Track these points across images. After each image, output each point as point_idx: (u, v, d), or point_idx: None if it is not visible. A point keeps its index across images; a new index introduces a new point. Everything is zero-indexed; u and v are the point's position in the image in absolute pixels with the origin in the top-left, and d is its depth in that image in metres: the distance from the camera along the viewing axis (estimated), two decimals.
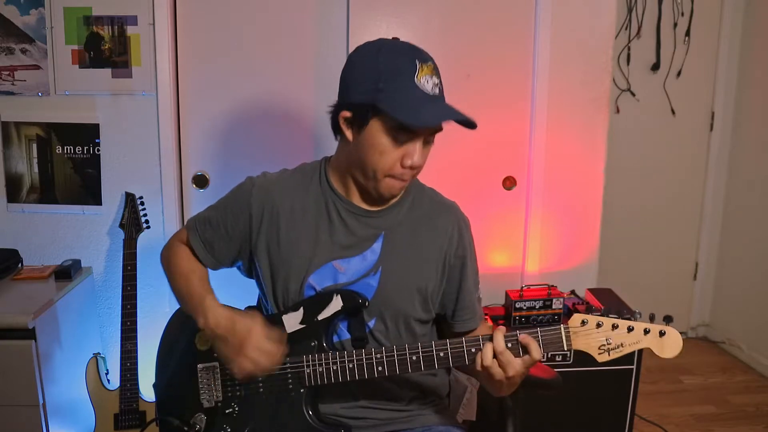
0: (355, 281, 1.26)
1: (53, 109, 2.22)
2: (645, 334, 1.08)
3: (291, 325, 1.24)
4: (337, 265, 1.26)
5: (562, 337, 1.10)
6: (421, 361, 1.16)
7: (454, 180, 2.37)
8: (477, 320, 1.36)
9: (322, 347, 1.22)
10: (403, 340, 1.29)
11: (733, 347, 3.29)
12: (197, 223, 1.34)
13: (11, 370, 1.85)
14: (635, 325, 1.08)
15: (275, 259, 1.28)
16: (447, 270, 1.31)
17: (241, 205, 1.30)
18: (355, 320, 1.26)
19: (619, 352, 1.08)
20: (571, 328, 1.10)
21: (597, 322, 1.09)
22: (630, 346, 1.08)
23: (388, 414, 1.31)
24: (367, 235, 1.27)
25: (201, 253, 1.33)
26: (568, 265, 2.53)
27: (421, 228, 1.30)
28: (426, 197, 1.35)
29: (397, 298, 1.27)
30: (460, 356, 1.15)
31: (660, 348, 1.08)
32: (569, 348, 1.10)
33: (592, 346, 1.09)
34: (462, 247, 1.32)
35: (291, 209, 1.28)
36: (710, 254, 3.45)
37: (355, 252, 1.27)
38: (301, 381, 1.22)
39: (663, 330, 1.07)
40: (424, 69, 1.14)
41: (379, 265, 1.26)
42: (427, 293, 1.29)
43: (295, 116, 2.25)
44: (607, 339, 1.09)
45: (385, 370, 1.17)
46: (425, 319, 1.32)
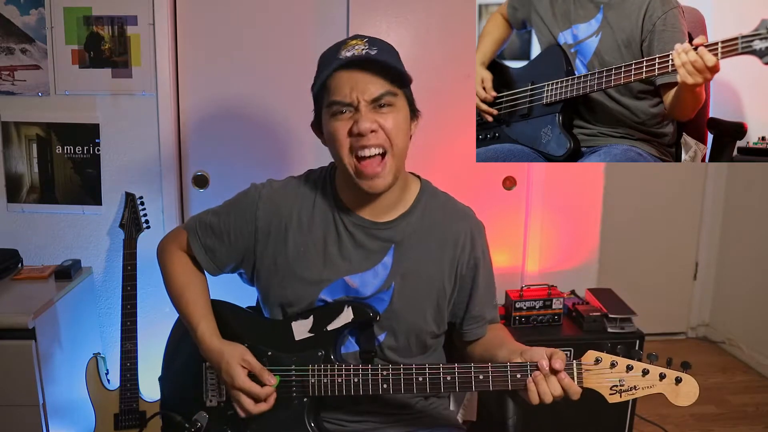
0: (368, 297, 1.24)
1: (53, 109, 2.22)
2: (660, 380, 1.04)
3: (300, 332, 1.23)
4: (349, 281, 1.24)
5: (574, 373, 1.07)
6: (428, 383, 1.14)
7: (454, 180, 2.36)
8: (484, 328, 1.33)
9: (329, 358, 1.21)
10: (412, 353, 1.27)
11: (733, 347, 3.29)
12: (198, 227, 1.31)
13: (11, 370, 1.85)
14: (651, 369, 1.04)
15: (283, 273, 1.25)
16: (458, 280, 1.28)
17: (247, 216, 1.27)
18: (364, 333, 1.24)
19: (631, 395, 1.05)
20: (584, 365, 1.06)
21: (612, 361, 1.05)
22: (643, 390, 1.04)
23: (390, 416, 1.31)
24: (376, 248, 1.24)
25: (202, 259, 1.31)
26: (568, 265, 2.53)
27: (433, 237, 1.27)
28: (438, 204, 1.31)
29: (409, 314, 1.25)
30: (468, 382, 1.12)
31: (674, 395, 1.03)
32: (579, 385, 1.06)
33: (603, 386, 1.05)
34: (474, 257, 1.29)
35: (299, 222, 1.26)
36: (710, 254, 3.45)
37: (366, 266, 1.24)
38: (305, 390, 1.21)
39: (680, 377, 1.03)
40: (350, 43, 1.13)
41: (390, 280, 1.24)
42: (439, 306, 1.27)
43: (296, 116, 2.26)
44: (620, 380, 1.05)
45: (390, 389, 1.15)
46: (437, 333, 1.30)
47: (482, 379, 1.11)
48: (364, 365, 1.18)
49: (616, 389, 1.05)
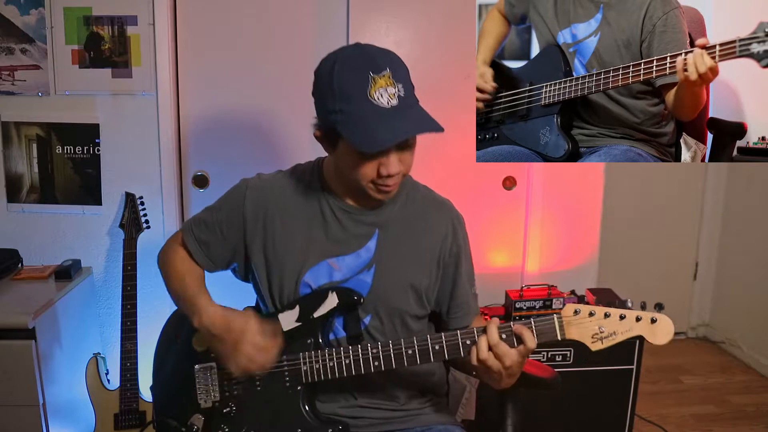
0: (349, 278, 1.27)
1: (53, 109, 2.22)
2: (637, 322, 1.09)
3: (287, 323, 1.25)
4: (332, 263, 1.27)
5: (556, 326, 1.11)
6: (417, 354, 1.17)
7: (454, 180, 2.37)
8: (471, 317, 1.37)
9: (318, 344, 1.23)
10: (398, 336, 1.29)
11: (733, 347, 3.29)
12: (192, 225, 1.35)
13: (11, 370, 1.85)
14: (627, 313, 1.09)
15: (270, 258, 1.28)
16: (442, 268, 1.31)
17: (235, 206, 1.30)
18: (350, 317, 1.27)
19: (612, 340, 1.10)
20: (564, 317, 1.11)
21: (589, 311, 1.10)
22: (622, 334, 1.09)
23: (387, 413, 1.32)
24: (361, 233, 1.28)
25: (197, 254, 1.34)
26: (568, 265, 2.53)
27: (415, 225, 1.30)
28: (419, 194, 1.35)
29: (391, 294, 1.27)
30: (455, 348, 1.16)
31: (652, 335, 1.08)
32: (563, 337, 1.11)
33: (585, 335, 1.10)
34: (456, 245, 1.32)
35: (285, 209, 1.29)
36: (710, 254, 3.45)
37: (350, 250, 1.27)
38: (298, 378, 1.23)
39: (654, 317, 1.08)
40: (378, 82, 1.09)
41: (373, 262, 1.27)
42: (421, 290, 1.29)
43: (295, 116, 2.26)
44: (599, 327, 1.10)
45: (382, 365, 1.18)
46: (420, 315, 1.33)
47: (469, 344, 1.15)
48: (354, 347, 1.20)
49: (597, 337, 1.10)
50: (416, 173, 1.35)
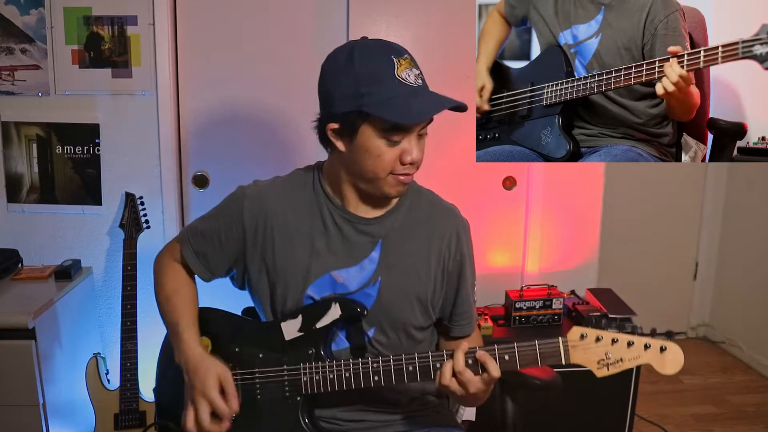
0: (354, 292, 1.25)
1: (53, 109, 2.22)
2: (645, 350, 1.05)
3: (289, 332, 1.23)
4: (336, 276, 1.24)
5: (560, 350, 1.08)
6: (418, 371, 1.15)
7: (454, 180, 2.37)
8: (473, 325, 1.35)
9: (319, 355, 1.21)
10: (402, 348, 1.27)
11: (733, 347, 3.29)
12: (189, 235, 1.32)
13: (11, 370, 1.85)
14: (635, 340, 1.05)
15: (271, 270, 1.26)
16: (446, 276, 1.29)
17: (233, 216, 1.28)
18: (353, 329, 1.25)
19: (618, 368, 1.06)
20: (570, 341, 1.08)
21: (597, 336, 1.06)
22: (630, 361, 1.05)
23: (387, 416, 1.31)
24: (364, 243, 1.25)
25: (194, 264, 1.31)
26: (568, 265, 2.53)
27: (419, 233, 1.28)
28: (424, 200, 1.32)
29: (396, 307, 1.25)
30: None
31: (661, 364, 1.04)
32: (567, 362, 1.08)
33: (591, 360, 1.07)
34: (460, 252, 1.30)
35: (285, 219, 1.26)
36: (710, 254, 3.45)
37: (353, 261, 1.25)
38: (298, 389, 1.21)
39: (664, 345, 1.04)
40: (402, 63, 1.12)
41: (377, 275, 1.24)
42: (426, 300, 1.27)
43: (296, 116, 2.26)
44: (606, 354, 1.06)
45: (382, 380, 1.16)
46: (425, 326, 1.31)
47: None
48: (355, 360, 1.19)
49: (603, 363, 1.07)
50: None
